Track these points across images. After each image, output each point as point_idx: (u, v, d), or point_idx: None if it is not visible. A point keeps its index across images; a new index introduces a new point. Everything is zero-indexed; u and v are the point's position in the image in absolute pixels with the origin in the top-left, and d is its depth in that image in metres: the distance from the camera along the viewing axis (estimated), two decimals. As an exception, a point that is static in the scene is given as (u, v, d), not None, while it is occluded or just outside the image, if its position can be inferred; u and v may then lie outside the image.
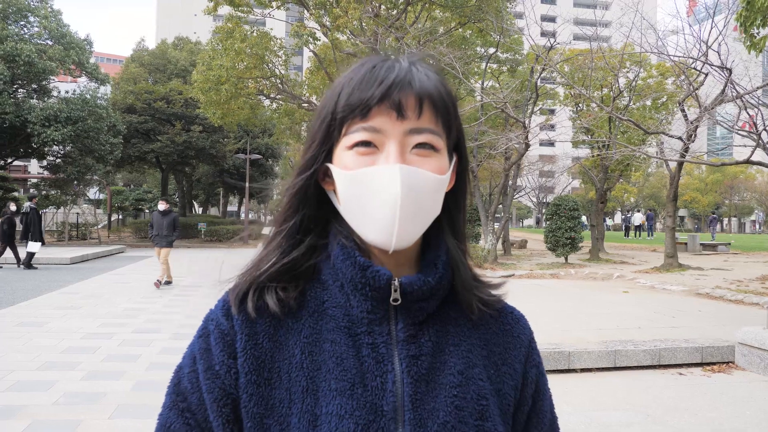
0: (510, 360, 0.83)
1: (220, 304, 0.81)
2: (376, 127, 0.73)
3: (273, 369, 0.75)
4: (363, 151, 0.73)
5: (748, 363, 6.05)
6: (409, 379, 0.74)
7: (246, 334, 0.76)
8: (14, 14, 22.98)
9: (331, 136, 0.77)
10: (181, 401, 0.78)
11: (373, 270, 0.75)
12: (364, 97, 0.73)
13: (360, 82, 0.74)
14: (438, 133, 0.75)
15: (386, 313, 0.77)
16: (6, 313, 8.67)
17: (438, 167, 0.75)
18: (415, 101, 0.73)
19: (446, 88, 0.78)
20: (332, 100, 0.77)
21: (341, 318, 0.78)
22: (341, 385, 0.73)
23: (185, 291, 11.52)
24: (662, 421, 4.54)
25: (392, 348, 0.76)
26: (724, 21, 12.74)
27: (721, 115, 15.04)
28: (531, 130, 16.88)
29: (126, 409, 4.63)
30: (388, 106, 0.72)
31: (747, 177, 59.25)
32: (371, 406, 0.72)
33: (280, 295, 0.78)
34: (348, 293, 0.78)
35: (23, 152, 25.71)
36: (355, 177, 0.73)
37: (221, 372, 0.75)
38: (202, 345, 0.79)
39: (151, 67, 29.67)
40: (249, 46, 17.31)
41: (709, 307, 9.60)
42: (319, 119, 0.79)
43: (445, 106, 0.76)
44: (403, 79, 0.73)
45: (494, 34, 18.60)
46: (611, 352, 5.97)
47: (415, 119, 0.73)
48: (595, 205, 22.04)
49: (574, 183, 48.35)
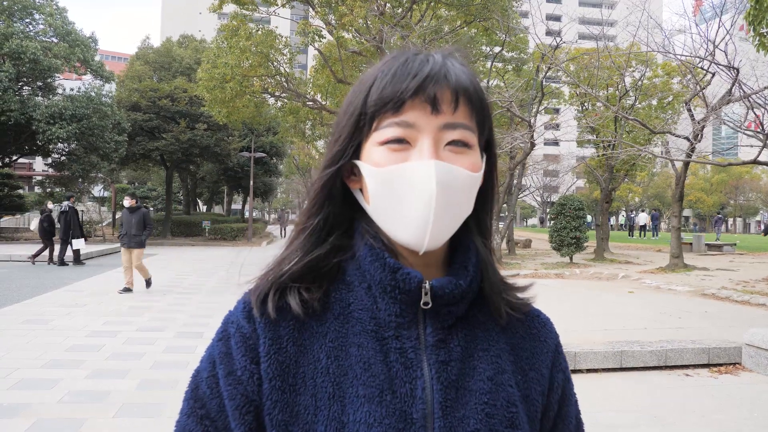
0: (537, 365, 0.81)
1: (240, 306, 0.78)
2: (410, 122, 0.70)
3: (298, 374, 0.73)
4: (395, 147, 0.71)
5: (755, 364, 6.00)
6: (438, 386, 0.72)
7: (269, 338, 0.74)
8: (19, 12, 23.02)
9: (361, 132, 0.74)
10: (199, 407, 0.75)
11: (403, 272, 0.73)
12: (397, 90, 0.70)
13: (393, 75, 0.72)
14: (472, 129, 0.73)
15: (415, 316, 0.75)
16: (11, 310, 8.69)
17: (472, 164, 0.73)
18: (451, 95, 0.71)
19: (479, 84, 0.76)
20: (362, 93, 0.74)
21: (368, 321, 0.75)
22: (369, 392, 0.71)
23: (190, 289, 11.53)
24: (669, 422, 4.51)
25: (421, 353, 0.74)
26: (731, 20, 12.67)
27: (727, 114, 14.97)
28: (536, 129, 16.84)
29: (131, 408, 4.62)
30: (423, 99, 0.70)
31: (752, 177, 59.02)
32: (401, 413, 0.70)
33: (304, 296, 0.75)
34: (376, 296, 0.75)
35: (28, 150, 25.78)
36: (387, 173, 0.71)
37: (243, 378, 0.73)
38: (222, 349, 0.76)
39: (155, 65, 29.69)
40: (254, 44, 17.30)
41: (716, 308, 9.54)
42: (347, 113, 0.76)
43: (480, 101, 0.74)
44: (438, 72, 0.71)
45: (500, 33, 18.55)
46: (617, 352, 5.94)
47: (450, 114, 0.71)
48: (600, 205, 21.97)
49: (578, 182, 48.29)
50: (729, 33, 12.22)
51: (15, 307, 8.90)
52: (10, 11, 22.65)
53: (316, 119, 23.54)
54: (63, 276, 13.01)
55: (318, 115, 22.88)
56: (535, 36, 15.81)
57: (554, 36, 16.84)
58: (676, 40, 46.73)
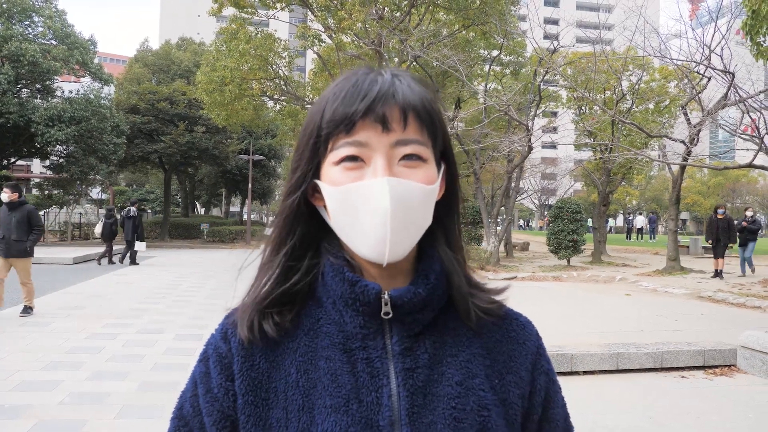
0: (515, 368, 0.81)
1: (219, 329, 0.82)
2: (362, 141, 0.72)
3: (270, 389, 0.76)
4: (350, 165, 0.73)
5: (750, 366, 6.06)
6: (405, 393, 0.74)
7: (242, 356, 0.77)
8: (19, 14, 23.02)
9: (318, 153, 0.76)
10: (183, 426, 0.80)
11: (361, 285, 0.75)
12: (348, 111, 0.72)
13: (343, 97, 0.74)
14: (424, 143, 0.75)
15: (380, 327, 0.77)
16: (10, 312, 8.71)
17: (426, 177, 0.74)
18: (400, 113, 0.73)
19: (429, 97, 0.78)
20: (317, 115, 0.76)
21: (336, 334, 0.77)
22: (336, 402, 0.73)
23: (189, 292, 11.55)
24: (665, 423, 4.56)
25: (387, 362, 0.75)
26: (726, 25, 12.75)
27: (723, 118, 15.05)
28: (534, 133, 16.89)
29: (131, 410, 4.65)
30: (373, 119, 0.72)
31: (749, 181, 59.08)
32: (366, 421, 0.72)
33: (276, 319, 0.78)
34: (340, 309, 0.77)
35: (26, 152, 25.74)
36: (343, 192, 0.73)
37: (219, 394, 0.77)
38: (202, 369, 0.80)
39: (154, 68, 29.71)
40: (253, 47, 17.35)
41: (711, 311, 9.60)
42: (305, 136, 0.78)
43: (429, 115, 0.76)
44: (386, 92, 0.73)
45: (497, 37, 18.62)
46: (614, 354, 5.99)
47: (400, 131, 0.73)
48: (598, 208, 22.04)
49: (576, 186, 48.35)
50: (725, 37, 12.30)
51: (14, 310, 8.92)
52: (9, 13, 22.65)
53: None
54: (61, 278, 13.02)
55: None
56: (532, 40, 15.90)
57: (552, 40, 16.93)
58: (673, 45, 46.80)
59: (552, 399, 0.85)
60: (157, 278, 13.64)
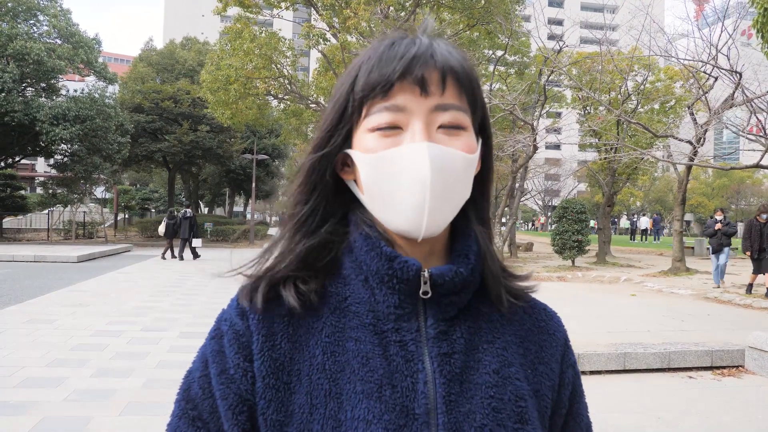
0: (546, 359, 0.78)
1: (233, 303, 0.75)
2: (399, 105, 0.68)
3: (292, 372, 0.70)
4: (387, 133, 0.69)
5: (758, 367, 6.01)
6: (441, 379, 0.69)
7: (263, 334, 0.71)
8: (24, 13, 23.10)
9: (350, 119, 0.72)
10: (191, 409, 0.73)
11: (401, 260, 0.70)
12: (384, 73, 0.68)
13: (379, 59, 0.70)
14: (464, 110, 0.71)
15: (415, 308, 0.72)
16: (15, 310, 8.71)
17: (467, 146, 0.70)
18: (439, 75, 0.69)
19: (469, 63, 0.74)
20: (349, 79, 0.72)
21: (365, 314, 0.72)
22: (368, 387, 0.68)
23: (193, 290, 11.54)
24: (674, 424, 4.52)
25: (422, 346, 0.71)
26: (733, 25, 12.69)
27: (729, 119, 14.99)
28: (538, 133, 16.84)
29: (136, 407, 4.64)
30: (411, 81, 0.68)
31: (754, 182, 58.90)
32: (401, 408, 0.67)
33: (300, 288, 0.73)
34: (373, 287, 0.72)
35: (31, 150, 25.83)
36: (379, 159, 0.69)
37: (236, 376, 0.70)
38: (215, 347, 0.73)
39: (159, 67, 29.77)
40: (258, 46, 17.35)
41: (718, 311, 9.55)
42: (337, 102, 0.73)
43: (469, 80, 0.72)
44: (424, 53, 0.69)
45: (502, 37, 18.59)
46: (621, 354, 5.95)
47: (439, 95, 0.69)
48: (603, 209, 21.97)
49: (580, 186, 48.29)
50: (731, 37, 12.24)
51: (19, 307, 8.93)
52: (14, 12, 22.73)
53: (319, 121, 23.56)
54: (66, 276, 13.03)
55: (320, 118, 22.90)
56: (537, 39, 15.85)
57: (557, 40, 16.88)
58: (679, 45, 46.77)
59: (578, 393, 0.82)
60: (162, 276, 13.64)
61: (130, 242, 25.84)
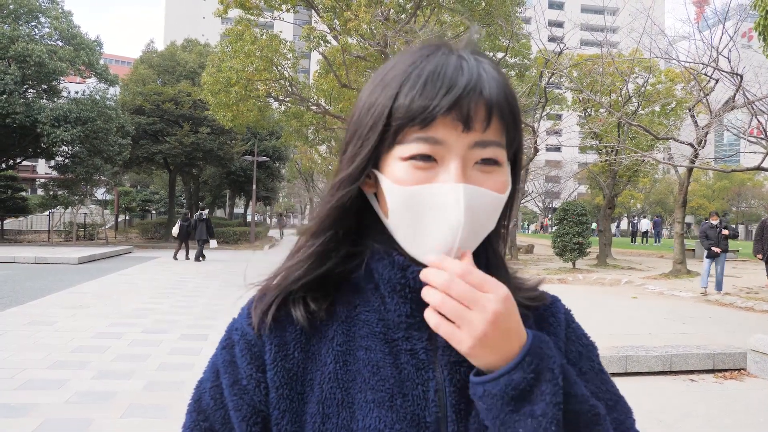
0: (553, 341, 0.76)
1: (244, 313, 0.75)
2: (438, 139, 0.64)
3: (305, 381, 0.70)
4: (420, 165, 0.65)
5: (760, 370, 6.00)
6: (451, 388, 0.68)
7: (275, 344, 0.71)
8: (25, 15, 23.14)
9: (383, 143, 0.68)
10: (202, 420, 0.72)
11: (413, 269, 0.69)
12: (428, 105, 0.64)
13: (423, 85, 0.65)
14: (503, 146, 0.68)
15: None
16: (16, 312, 8.71)
17: (500, 184, 0.69)
18: (485, 112, 0.65)
19: (512, 91, 0.70)
20: (387, 99, 0.67)
21: (375, 323, 0.72)
22: (379, 396, 0.67)
23: (194, 292, 11.53)
24: (676, 427, 4.51)
25: (433, 354, 0.70)
26: (734, 27, 12.70)
27: (730, 121, 14.99)
28: (539, 135, 16.85)
29: (137, 409, 4.63)
30: (455, 118, 0.64)
31: (754, 184, 58.93)
32: (412, 417, 0.67)
33: (311, 306, 0.72)
34: (384, 295, 0.71)
35: (32, 152, 25.86)
36: (411, 194, 0.66)
37: (249, 387, 0.70)
38: (227, 357, 0.73)
39: (160, 69, 29.80)
40: (258, 48, 17.36)
41: (719, 314, 9.54)
42: (370, 119, 0.68)
43: (513, 115, 0.69)
44: (474, 86, 0.65)
45: (503, 39, 18.61)
46: (622, 357, 5.94)
47: (481, 131, 0.65)
48: (603, 211, 21.97)
49: (580, 188, 48.29)
50: (732, 39, 12.24)
51: (20, 309, 8.92)
52: (16, 14, 22.77)
53: (320, 124, 23.61)
54: (66, 278, 13.03)
55: (321, 120, 22.94)
56: (538, 41, 15.87)
57: (557, 42, 16.89)
58: (680, 47, 46.80)
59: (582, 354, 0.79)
60: (162, 278, 13.64)
61: (131, 244, 25.86)
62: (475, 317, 0.61)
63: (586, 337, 0.82)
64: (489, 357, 0.62)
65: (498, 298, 0.61)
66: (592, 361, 0.80)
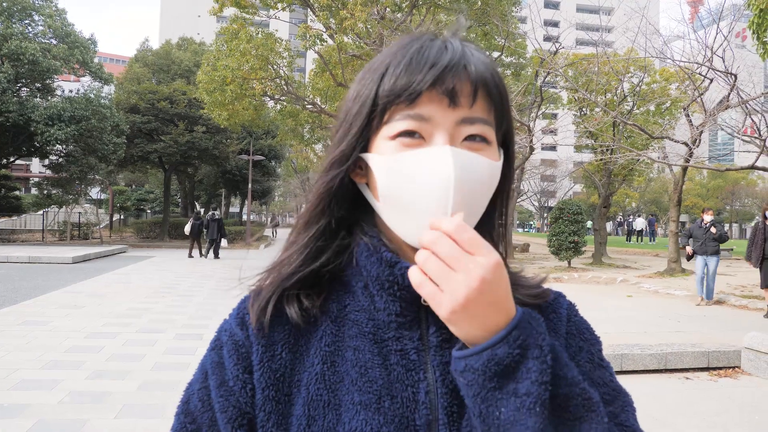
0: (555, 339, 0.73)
1: (234, 313, 0.74)
2: (424, 115, 0.64)
3: (293, 383, 0.68)
4: (407, 142, 0.65)
5: (754, 368, 6.03)
6: (443, 389, 0.66)
7: (262, 344, 0.69)
8: (19, 13, 23.01)
9: (370, 124, 0.68)
10: (190, 422, 0.71)
11: (401, 266, 0.67)
12: (412, 81, 0.64)
13: (408, 64, 0.65)
14: (490, 124, 0.67)
15: (416, 315, 0.69)
16: (9, 311, 8.66)
17: (490, 158, 0.68)
18: (471, 87, 0.65)
19: (500, 74, 0.70)
20: (373, 82, 0.67)
21: (365, 323, 0.70)
22: (366, 398, 0.65)
23: (189, 291, 11.50)
24: (671, 424, 4.52)
25: (424, 355, 0.68)
26: (728, 27, 12.75)
27: (724, 120, 15.04)
28: (534, 134, 16.88)
29: (132, 409, 4.61)
30: (440, 92, 0.64)
31: (748, 183, 59.27)
32: (401, 420, 0.65)
33: (304, 303, 0.71)
34: (373, 294, 0.70)
35: (26, 151, 25.73)
36: (397, 161, 0.65)
37: (235, 388, 0.68)
38: (215, 358, 0.71)
39: (155, 68, 29.71)
40: (254, 47, 17.32)
41: (714, 312, 9.58)
42: (356, 103, 0.69)
43: (500, 93, 0.68)
44: (458, 62, 0.65)
45: (499, 38, 18.62)
46: (617, 355, 5.95)
47: (467, 108, 0.65)
48: (599, 210, 22.03)
49: (576, 187, 48.44)
50: (727, 39, 12.28)
51: (13, 308, 8.87)
52: (9, 12, 22.64)
53: (315, 122, 23.59)
54: (60, 278, 12.97)
55: (317, 119, 22.92)
56: (534, 41, 15.89)
57: (553, 41, 16.92)
58: (674, 46, 46.97)
59: (582, 348, 0.76)
60: (157, 278, 13.60)
61: (126, 243, 25.77)
62: (458, 279, 0.57)
63: (590, 331, 0.79)
64: (472, 327, 0.58)
65: (487, 263, 0.57)
66: (592, 355, 0.76)
